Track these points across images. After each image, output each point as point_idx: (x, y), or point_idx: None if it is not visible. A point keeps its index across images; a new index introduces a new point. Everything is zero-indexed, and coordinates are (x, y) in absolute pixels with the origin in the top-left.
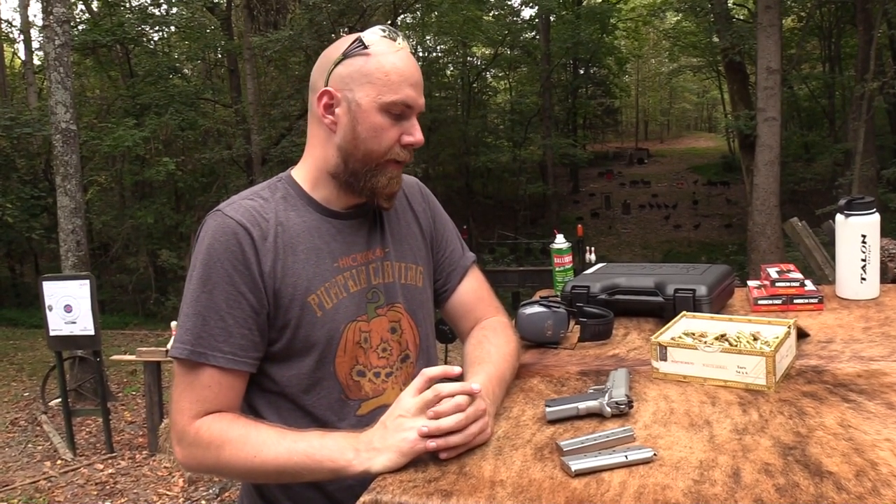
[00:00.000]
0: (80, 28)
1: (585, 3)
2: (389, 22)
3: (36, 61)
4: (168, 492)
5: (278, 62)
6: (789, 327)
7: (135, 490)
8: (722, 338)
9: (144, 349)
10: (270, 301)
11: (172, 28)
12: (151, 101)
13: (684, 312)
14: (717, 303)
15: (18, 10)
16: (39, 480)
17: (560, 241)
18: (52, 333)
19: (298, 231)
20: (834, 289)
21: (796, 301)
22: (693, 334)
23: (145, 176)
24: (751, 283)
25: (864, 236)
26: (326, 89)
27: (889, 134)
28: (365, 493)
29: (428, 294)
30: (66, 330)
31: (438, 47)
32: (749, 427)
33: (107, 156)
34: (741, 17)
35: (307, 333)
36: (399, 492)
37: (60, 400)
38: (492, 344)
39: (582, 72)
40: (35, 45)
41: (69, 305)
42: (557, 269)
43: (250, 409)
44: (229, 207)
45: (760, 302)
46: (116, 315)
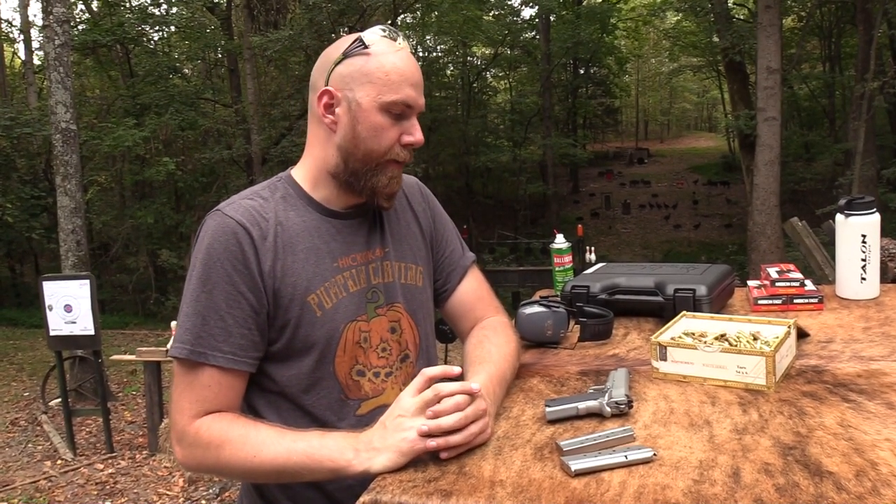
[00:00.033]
0: (80, 28)
1: (585, 3)
2: (389, 22)
3: (36, 61)
4: (168, 492)
5: (278, 62)
6: (789, 327)
7: (135, 490)
8: (722, 338)
9: (144, 349)
10: (270, 301)
11: (172, 28)
12: (151, 101)
13: (684, 312)
14: (717, 303)
15: (18, 10)
16: (40, 480)
17: (560, 241)
18: (52, 333)
19: (298, 231)
20: (834, 289)
21: (796, 301)
22: (693, 334)
23: (145, 176)
24: (751, 283)
25: (865, 236)
26: (327, 89)
27: (889, 134)
28: (365, 493)
29: (428, 294)
30: (66, 330)
31: (438, 47)
32: (749, 427)
33: (107, 156)
34: (741, 17)
35: (307, 333)
36: (399, 492)
37: (60, 400)
38: (492, 343)
39: (582, 71)
40: (35, 45)
41: (69, 305)
42: (557, 269)
43: (250, 409)
44: (229, 207)
45: (760, 302)
46: (116, 315)
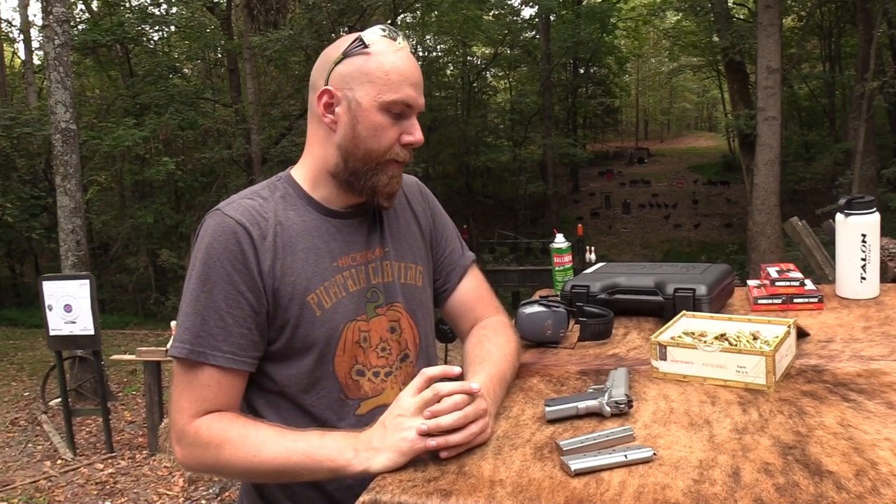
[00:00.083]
0: (80, 28)
1: (585, 3)
2: (389, 21)
3: (36, 61)
4: (168, 491)
5: (278, 62)
6: (789, 327)
7: (135, 490)
8: (722, 337)
9: (144, 349)
10: (269, 300)
11: (172, 28)
12: (151, 101)
13: (684, 312)
14: (717, 302)
15: (18, 10)
16: (39, 480)
17: (560, 241)
18: (52, 333)
19: (298, 230)
20: (834, 288)
21: (796, 300)
22: (693, 334)
23: (145, 176)
24: (751, 283)
25: (864, 236)
26: (326, 88)
27: (889, 133)
28: (364, 493)
29: (427, 294)
30: (66, 330)
31: (438, 47)
32: (749, 426)
33: (107, 155)
34: (741, 17)
35: (306, 333)
36: (398, 491)
37: (60, 400)
38: (492, 343)
39: (582, 71)
40: (35, 45)
41: (69, 305)
42: (557, 269)
43: (250, 409)
44: (229, 207)
45: (760, 301)
46: (116, 315)
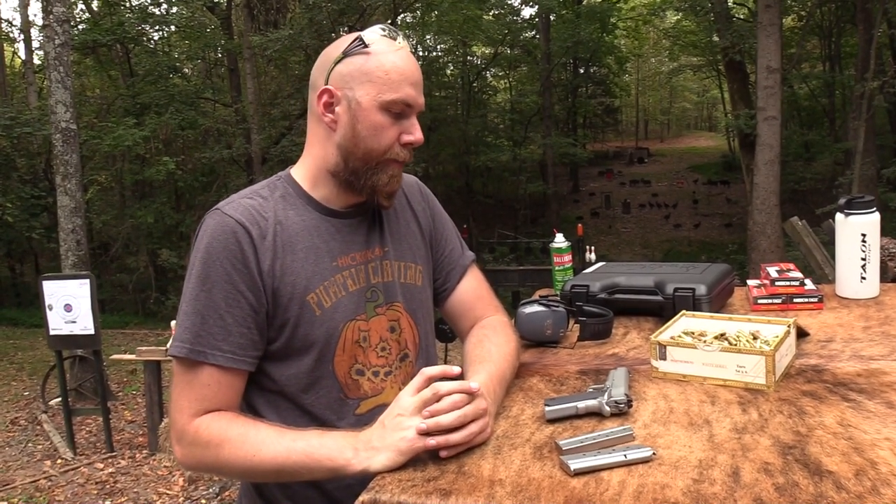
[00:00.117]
0: (80, 27)
1: (585, 3)
2: (389, 21)
3: (36, 61)
4: (168, 491)
5: (278, 61)
6: (789, 326)
7: (135, 489)
8: (721, 337)
9: (144, 348)
10: (269, 300)
11: (172, 27)
12: (151, 101)
13: (684, 311)
14: (717, 302)
15: (18, 10)
16: (40, 479)
17: (560, 241)
18: (52, 333)
19: (297, 230)
20: (834, 288)
21: (796, 300)
22: (692, 333)
23: (145, 175)
24: (750, 283)
25: (864, 235)
26: (326, 88)
27: (889, 133)
28: (364, 493)
29: (427, 293)
30: (66, 329)
31: (438, 46)
32: (748, 426)
33: (107, 155)
34: (741, 17)
35: (306, 332)
36: (398, 491)
37: (60, 399)
38: (492, 343)
39: (582, 71)
40: (35, 45)
41: (69, 305)
42: (557, 269)
43: (249, 408)
44: (228, 206)
45: (760, 301)
46: (116, 314)
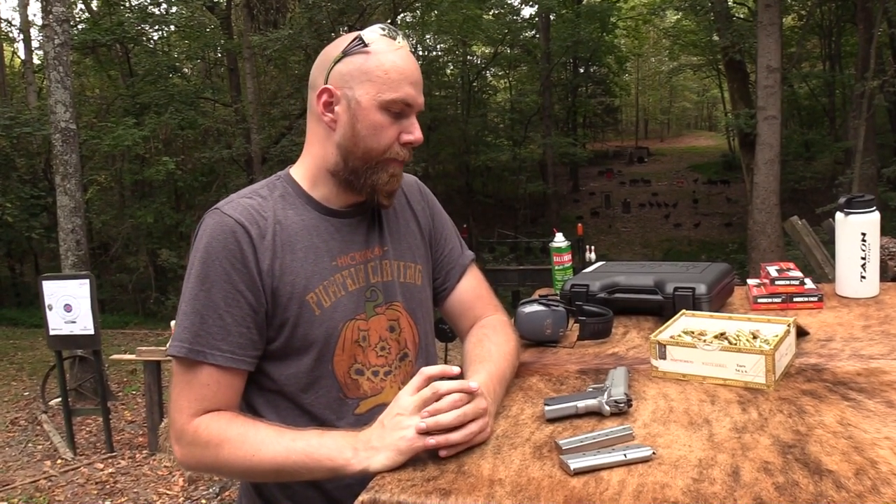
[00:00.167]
0: (80, 27)
1: (585, 2)
2: (389, 20)
3: (35, 60)
4: (168, 491)
5: (278, 61)
6: (789, 325)
7: (135, 489)
8: (721, 336)
9: (144, 348)
10: (268, 299)
11: (172, 27)
12: (151, 101)
13: (684, 311)
14: (717, 301)
15: (18, 10)
16: (40, 480)
17: (560, 240)
18: (52, 333)
19: (297, 229)
20: (834, 287)
21: (796, 299)
22: (692, 333)
23: (145, 175)
24: (750, 282)
25: (864, 234)
26: (326, 87)
27: (889, 132)
28: (363, 492)
29: (427, 293)
30: (66, 329)
31: (438, 46)
32: (748, 425)
33: (106, 155)
34: (741, 16)
35: (305, 332)
36: (398, 490)
37: (60, 399)
38: (492, 342)
39: (582, 70)
40: (35, 45)
41: (69, 305)
42: (557, 268)
43: (249, 408)
44: (227, 206)
45: (760, 300)
46: (116, 314)
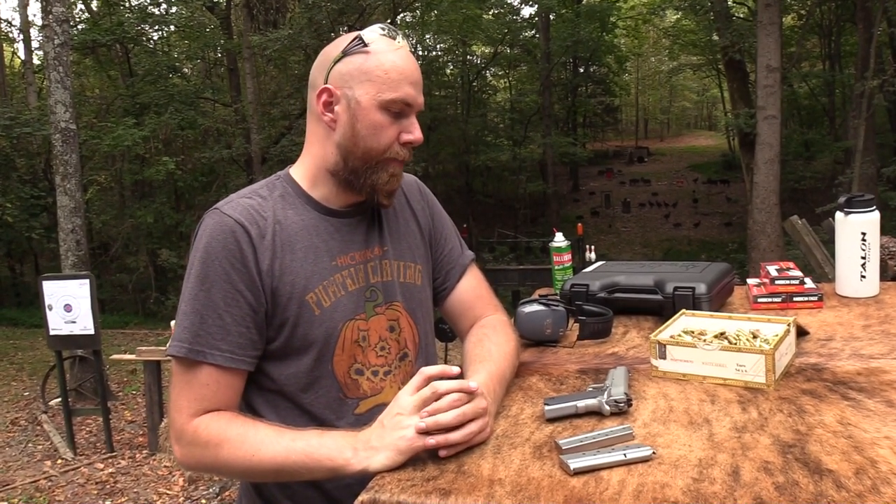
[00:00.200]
0: (80, 27)
1: (585, 2)
2: (389, 20)
3: (35, 61)
4: (168, 491)
5: (278, 61)
6: (789, 325)
7: (135, 489)
8: (721, 336)
9: (144, 348)
10: (268, 299)
11: (172, 27)
12: (151, 101)
13: (683, 310)
14: (717, 301)
15: (18, 10)
16: (40, 480)
17: (560, 240)
18: (52, 333)
19: (296, 229)
20: (834, 286)
21: (796, 299)
22: (692, 332)
23: (145, 175)
24: (750, 281)
25: (864, 234)
26: (326, 87)
27: (889, 132)
28: (363, 492)
29: (427, 293)
30: (66, 329)
31: (438, 46)
32: (748, 425)
33: (106, 155)
34: (741, 16)
35: (305, 332)
36: (397, 490)
37: (60, 399)
38: (492, 342)
39: (582, 70)
40: (35, 45)
41: (69, 305)
42: (557, 268)
43: (249, 408)
44: (227, 206)
45: (760, 300)
46: (116, 314)
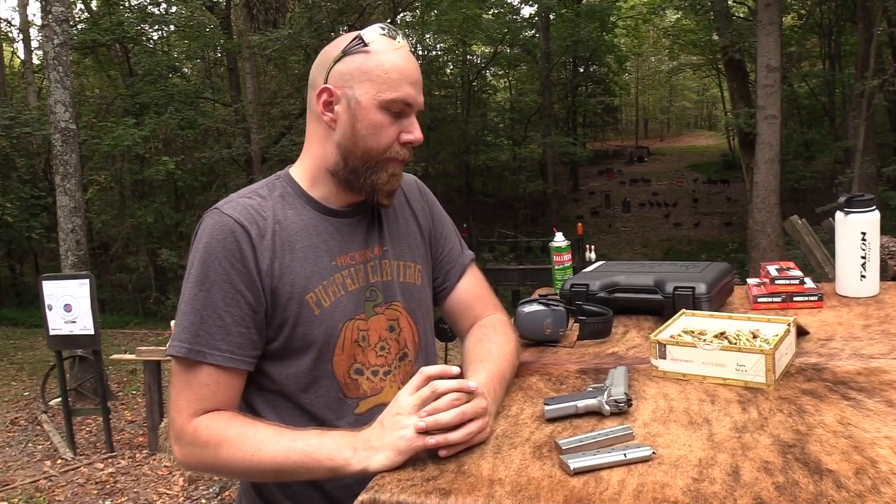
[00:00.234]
0: (80, 27)
1: (585, 1)
2: (389, 20)
3: (35, 60)
4: (168, 491)
5: (278, 61)
6: (789, 325)
7: (135, 489)
8: (721, 336)
9: (144, 348)
10: (268, 299)
11: (172, 27)
12: (151, 101)
13: (684, 310)
14: (717, 301)
15: (17, 10)
16: (40, 480)
17: (560, 239)
18: (52, 333)
19: (296, 229)
20: (834, 286)
21: (796, 299)
22: (692, 332)
23: (145, 175)
24: (750, 281)
25: (864, 234)
26: (326, 86)
27: (889, 132)
28: (363, 492)
29: (427, 293)
30: (66, 329)
31: (438, 46)
32: (748, 425)
33: (106, 155)
34: (741, 15)
35: (305, 332)
36: (397, 490)
37: (60, 399)
38: (492, 342)
39: (582, 70)
40: (34, 45)
41: (69, 305)
42: (557, 268)
43: (248, 408)
44: (227, 205)
45: (760, 300)
46: (116, 314)
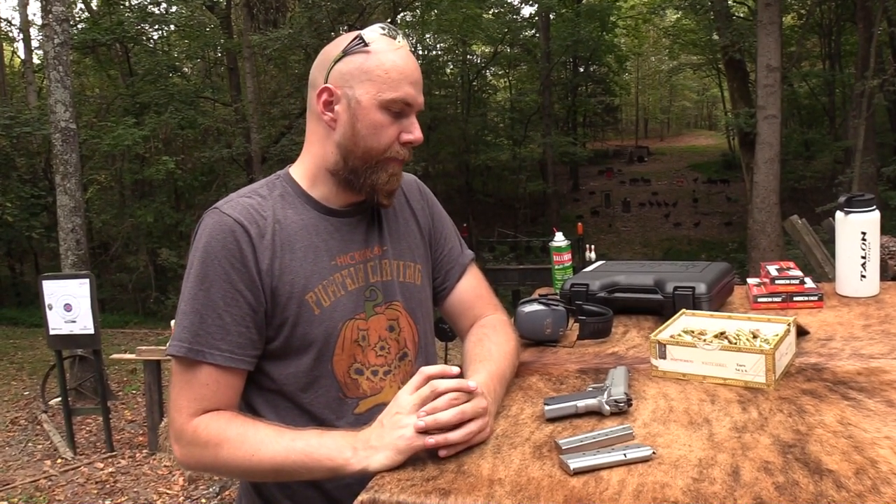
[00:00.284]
0: (80, 27)
1: (585, 1)
2: (389, 20)
3: (35, 60)
4: (168, 490)
5: (278, 60)
6: (789, 325)
7: (135, 489)
8: (721, 335)
9: (144, 348)
10: (268, 299)
11: (172, 27)
12: (151, 100)
13: (684, 310)
14: (717, 300)
15: (18, 9)
16: (40, 479)
17: (560, 239)
18: (52, 332)
19: (296, 229)
20: (834, 286)
21: (796, 299)
22: (692, 332)
23: (145, 175)
24: (750, 281)
25: (864, 234)
26: (326, 86)
27: (889, 131)
28: (363, 492)
29: (427, 292)
30: (66, 329)
31: (438, 45)
32: (748, 425)
33: (106, 154)
34: (741, 15)
35: (305, 331)
36: (397, 490)
37: (60, 399)
38: (492, 342)
39: (582, 70)
40: (34, 44)
41: (69, 304)
42: (557, 267)
43: (248, 408)
44: (227, 205)
45: (760, 300)
46: (116, 314)
